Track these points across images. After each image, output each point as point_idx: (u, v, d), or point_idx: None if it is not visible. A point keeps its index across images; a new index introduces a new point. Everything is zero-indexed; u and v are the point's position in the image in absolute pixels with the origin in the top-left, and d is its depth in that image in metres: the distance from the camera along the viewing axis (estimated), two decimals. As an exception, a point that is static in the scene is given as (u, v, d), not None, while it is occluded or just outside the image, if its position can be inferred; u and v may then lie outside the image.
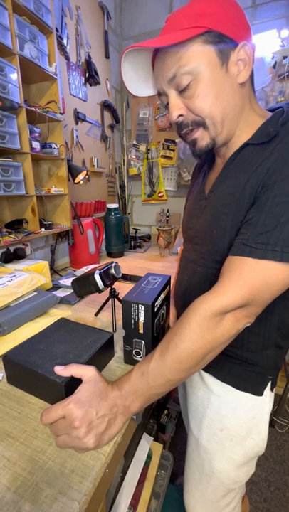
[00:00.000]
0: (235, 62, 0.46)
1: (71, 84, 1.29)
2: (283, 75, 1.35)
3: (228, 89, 0.47)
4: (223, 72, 0.46)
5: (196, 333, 0.43)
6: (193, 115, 0.49)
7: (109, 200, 1.79)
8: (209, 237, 0.54)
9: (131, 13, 1.71)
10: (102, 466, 0.39)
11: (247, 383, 0.58)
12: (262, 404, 0.58)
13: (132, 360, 0.59)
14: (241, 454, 0.60)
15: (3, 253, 0.96)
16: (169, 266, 1.34)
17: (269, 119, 0.47)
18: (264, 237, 0.40)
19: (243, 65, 0.46)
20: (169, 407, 1.31)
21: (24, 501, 0.34)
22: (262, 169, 0.44)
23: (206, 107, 0.47)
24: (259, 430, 0.59)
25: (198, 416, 0.66)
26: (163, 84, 0.49)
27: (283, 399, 1.44)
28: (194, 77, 0.45)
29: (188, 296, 0.63)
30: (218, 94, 0.46)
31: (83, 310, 0.87)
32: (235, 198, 0.48)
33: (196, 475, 0.68)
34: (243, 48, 0.46)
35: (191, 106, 0.48)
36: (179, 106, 0.49)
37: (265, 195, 0.42)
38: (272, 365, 0.57)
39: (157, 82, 0.51)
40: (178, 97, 0.49)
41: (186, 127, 0.51)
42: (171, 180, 1.82)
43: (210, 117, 0.48)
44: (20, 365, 0.50)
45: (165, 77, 0.48)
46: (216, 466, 0.62)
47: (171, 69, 0.46)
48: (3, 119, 0.83)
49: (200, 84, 0.46)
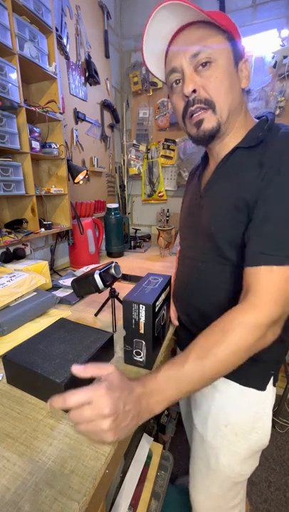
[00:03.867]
0: (241, 69, 0.53)
1: (71, 84, 1.29)
2: (283, 75, 1.35)
3: (236, 87, 0.53)
4: (235, 72, 0.52)
5: (240, 346, 0.43)
6: (207, 94, 0.51)
7: (109, 200, 1.78)
8: (208, 233, 0.57)
9: (131, 13, 1.71)
10: (102, 466, 0.38)
11: (250, 379, 0.59)
12: (265, 399, 0.60)
13: (132, 360, 0.59)
14: (246, 448, 0.61)
15: (3, 253, 0.96)
16: (169, 266, 1.33)
17: (256, 125, 0.54)
18: (281, 245, 0.45)
19: (246, 74, 0.54)
20: (169, 407, 1.31)
21: (24, 501, 0.34)
22: (254, 175, 0.49)
23: (221, 91, 0.51)
24: (263, 424, 0.61)
25: (202, 413, 0.67)
26: (184, 59, 0.51)
27: (283, 399, 1.44)
28: (215, 61, 0.50)
29: (190, 292, 0.64)
30: (230, 87, 0.51)
31: (83, 310, 0.87)
32: (232, 200, 0.52)
33: (202, 470, 0.69)
34: (246, 63, 0.53)
35: (207, 85, 0.51)
36: (195, 80, 0.51)
37: (268, 205, 0.46)
38: (274, 360, 0.59)
39: (176, 58, 0.52)
40: (195, 74, 0.51)
41: (198, 103, 0.52)
42: (171, 180, 1.82)
43: (221, 102, 0.51)
44: (20, 365, 0.50)
45: (188, 53, 0.50)
46: (221, 461, 0.63)
47: (197, 45, 0.49)
48: (2, 118, 0.83)
49: (219, 69, 0.50)
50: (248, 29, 1.43)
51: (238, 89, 0.53)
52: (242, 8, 1.44)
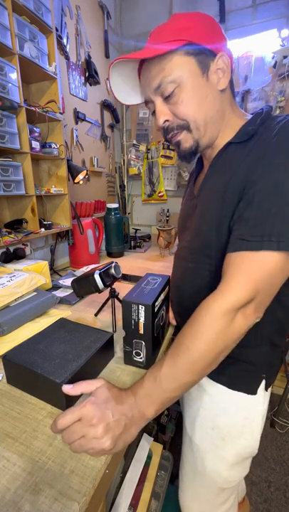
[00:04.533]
0: (214, 71, 0.50)
1: (71, 84, 1.29)
2: (283, 75, 1.35)
3: (210, 95, 0.51)
4: (204, 81, 0.50)
5: (208, 334, 0.42)
6: (178, 120, 0.53)
7: (109, 200, 1.78)
8: (198, 233, 0.56)
9: (131, 13, 1.71)
10: (102, 466, 0.38)
11: (239, 382, 0.58)
12: (255, 404, 0.58)
13: (132, 360, 0.59)
14: (233, 454, 0.60)
15: (3, 253, 0.96)
16: (169, 266, 1.33)
17: (249, 119, 0.52)
18: (258, 230, 0.42)
19: (222, 73, 0.51)
20: (169, 407, 1.31)
21: (24, 501, 0.34)
22: (244, 166, 0.47)
23: (190, 112, 0.51)
24: (252, 430, 0.59)
25: (191, 415, 0.66)
26: (149, 92, 0.53)
27: (283, 399, 1.43)
28: (178, 84, 0.49)
29: (181, 293, 0.64)
30: (200, 101, 0.51)
31: (83, 310, 0.87)
32: (221, 194, 0.50)
33: (190, 474, 0.69)
34: (221, 58, 0.50)
35: (176, 111, 0.52)
36: (165, 112, 0.53)
37: (251, 190, 0.44)
38: (266, 363, 0.57)
39: (144, 91, 0.55)
40: (164, 104, 0.53)
41: (171, 131, 0.54)
42: (171, 180, 1.82)
43: (193, 121, 0.52)
44: (20, 365, 0.50)
45: (151, 87, 0.52)
46: (208, 464, 0.62)
47: (156, 79, 0.50)
48: (2, 118, 0.83)
49: (183, 91, 0.50)
50: (248, 29, 1.43)
51: (214, 95, 0.51)
52: (242, 8, 1.43)
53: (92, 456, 0.39)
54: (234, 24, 1.46)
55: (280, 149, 0.42)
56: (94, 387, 0.41)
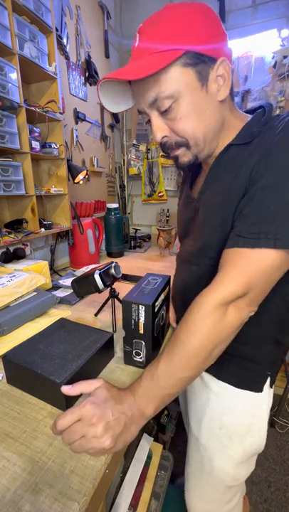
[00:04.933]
0: (214, 79, 0.46)
1: (71, 84, 1.29)
2: (283, 75, 1.35)
3: (210, 109, 0.48)
4: (204, 94, 0.46)
5: (201, 328, 0.42)
6: (177, 136, 0.50)
7: (109, 200, 1.78)
8: (201, 236, 0.56)
9: (131, 13, 1.71)
10: (102, 466, 0.39)
11: (245, 381, 0.58)
12: (261, 401, 0.59)
13: (132, 360, 0.59)
14: (241, 452, 0.61)
15: (3, 253, 0.96)
16: (169, 266, 1.33)
17: (251, 119, 0.49)
18: (256, 227, 0.42)
19: (223, 80, 0.47)
20: (169, 407, 1.31)
21: (24, 501, 0.34)
22: (247, 167, 0.45)
23: (190, 130, 0.48)
24: (259, 428, 0.60)
25: (197, 415, 0.66)
26: (144, 105, 0.49)
27: (283, 399, 1.43)
28: (175, 99, 0.46)
29: (186, 295, 0.63)
30: (200, 116, 0.47)
31: (83, 310, 0.87)
32: (224, 196, 0.49)
33: (196, 473, 0.68)
34: (222, 64, 0.46)
35: (174, 128, 0.49)
36: (162, 127, 0.50)
37: (253, 188, 0.43)
38: (270, 361, 0.57)
39: (138, 102, 0.51)
40: (160, 118, 0.49)
41: (170, 146, 0.51)
42: (172, 180, 1.82)
43: (193, 138, 0.49)
44: (20, 365, 0.50)
45: (146, 100, 0.48)
46: (215, 464, 0.63)
47: (151, 92, 0.46)
48: (2, 118, 0.83)
49: (181, 106, 0.46)
50: (248, 29, 1.43)
51: (214, 107, 0.48)
52: (242, 8, 1.43)
53: (93, 456, 0.39)
54: (234, 24, 1.46)
55: (282, 147, 0.42)
56: (93, 387, 0.41)
